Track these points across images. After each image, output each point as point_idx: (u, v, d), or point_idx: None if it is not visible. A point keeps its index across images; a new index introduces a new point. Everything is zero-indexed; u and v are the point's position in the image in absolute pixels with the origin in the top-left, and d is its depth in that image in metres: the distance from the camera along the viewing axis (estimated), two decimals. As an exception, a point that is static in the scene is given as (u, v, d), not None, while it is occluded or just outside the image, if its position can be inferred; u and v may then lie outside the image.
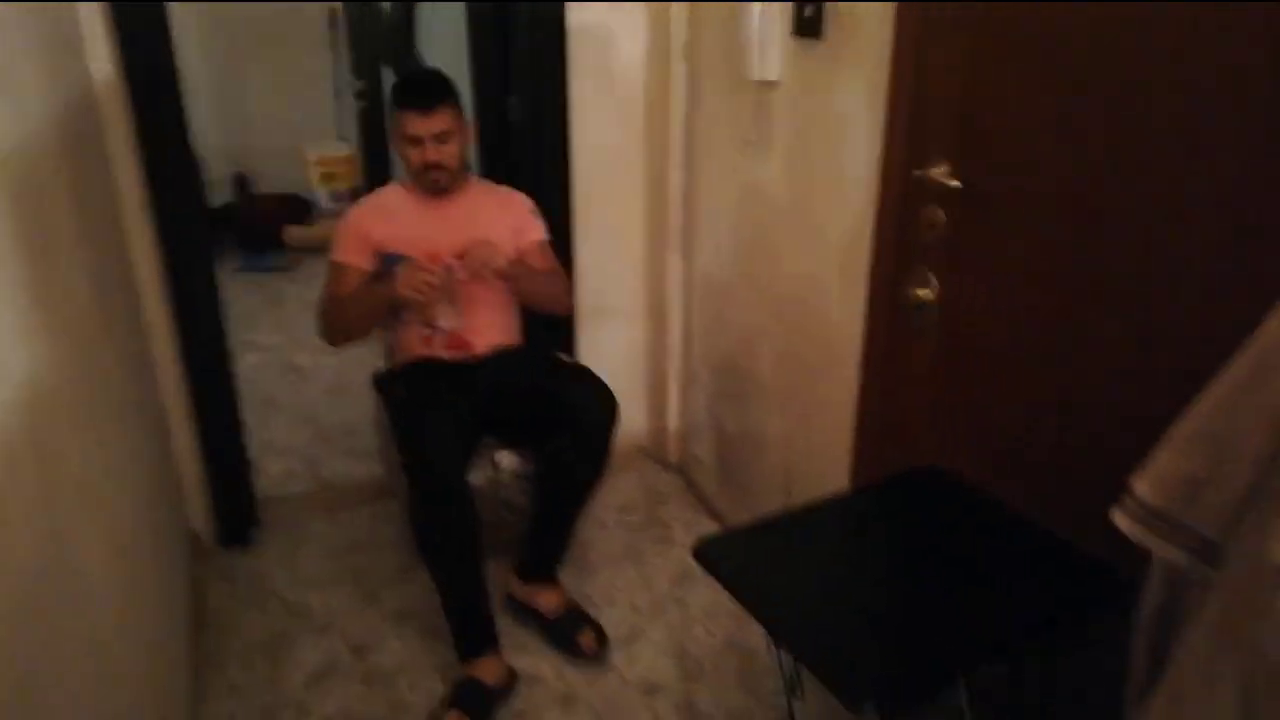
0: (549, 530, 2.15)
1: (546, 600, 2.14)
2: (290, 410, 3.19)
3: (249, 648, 2.10)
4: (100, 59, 1.98)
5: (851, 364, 1.87)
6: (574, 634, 2.08)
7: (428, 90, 2.02)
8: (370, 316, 2.10)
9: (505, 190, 2.24)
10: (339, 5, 4.55)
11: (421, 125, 2.00)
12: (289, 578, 2.34)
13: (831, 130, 1.87)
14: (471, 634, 1.97)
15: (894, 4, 1.59)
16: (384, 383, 2.24)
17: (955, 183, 1.48)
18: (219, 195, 4.87)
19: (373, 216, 2.13)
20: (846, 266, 1.87)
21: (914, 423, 1.74)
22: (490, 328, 2.17)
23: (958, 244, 1.54)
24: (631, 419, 2.84)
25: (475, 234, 2.07)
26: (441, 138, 2.02)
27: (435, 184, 2.07)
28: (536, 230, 2.20)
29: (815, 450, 2.11)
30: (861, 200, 1.79)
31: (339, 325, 2.10)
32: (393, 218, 2.13)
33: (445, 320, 2.12)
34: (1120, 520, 0.91)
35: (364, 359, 3.55)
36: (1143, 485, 0.90)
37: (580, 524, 2.24)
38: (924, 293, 1.61)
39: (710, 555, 1.42)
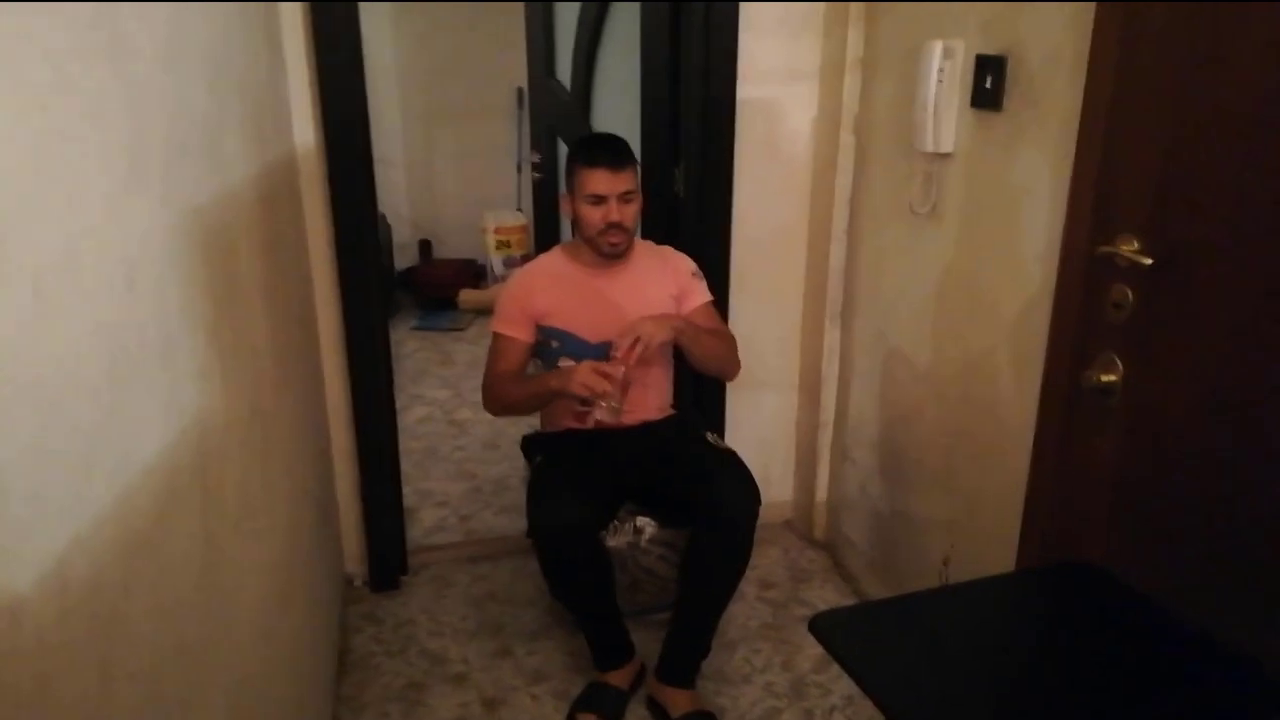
0: (689, 628, 2.05)
1: (677, 702, 2.02)
2: (449, 462, 3.29)
3: (387, 694, 2.13)
4: (304, 128, 2.16)
5: (1022, 449, 1.73)
6: None
7: (617, 149, 2.00)
8: (534, 403, 2.08)
9: (667, 251, 2.20)
10: (524, 85, 4.83)
11: (608, 184, 1.96)
12: (432, 626, 2.38)
13: (1008, 203, 1.77)
14: (605, 648, 2.09)
15: (1084, 71, 1.50)
16: (531, 445, 2.27)
17: (1147, 260, 1.36)
18: (405, 259, 5.21)
19: (534, 286, 2.10)
20: (1020, 346, 1.75)
21: (1089, 516, 1.58)
22: (644, 405, 2.14)
23: (1147, 326, 1.40)
24: (779, 491, 2.76)
25: (639, 304, 2.04)
26: (626, 198, 1.98)
27: (614, 247, 2.01)
28: (701, 294, 2.16)
29: (977, 538, 1.96)
30: (1038, 276, 1.68)
31: (502, 403, 2.08)
32: (554, 287, 2.09)
33: (604, 415, 1.99)
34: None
35: (520, 419, 3.65)
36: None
37: (721, 624, 2.11)
38: (1107, 378, 1.47)
39: (829, 627, 1.33)
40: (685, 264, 2.18)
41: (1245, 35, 1.23)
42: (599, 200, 1.97)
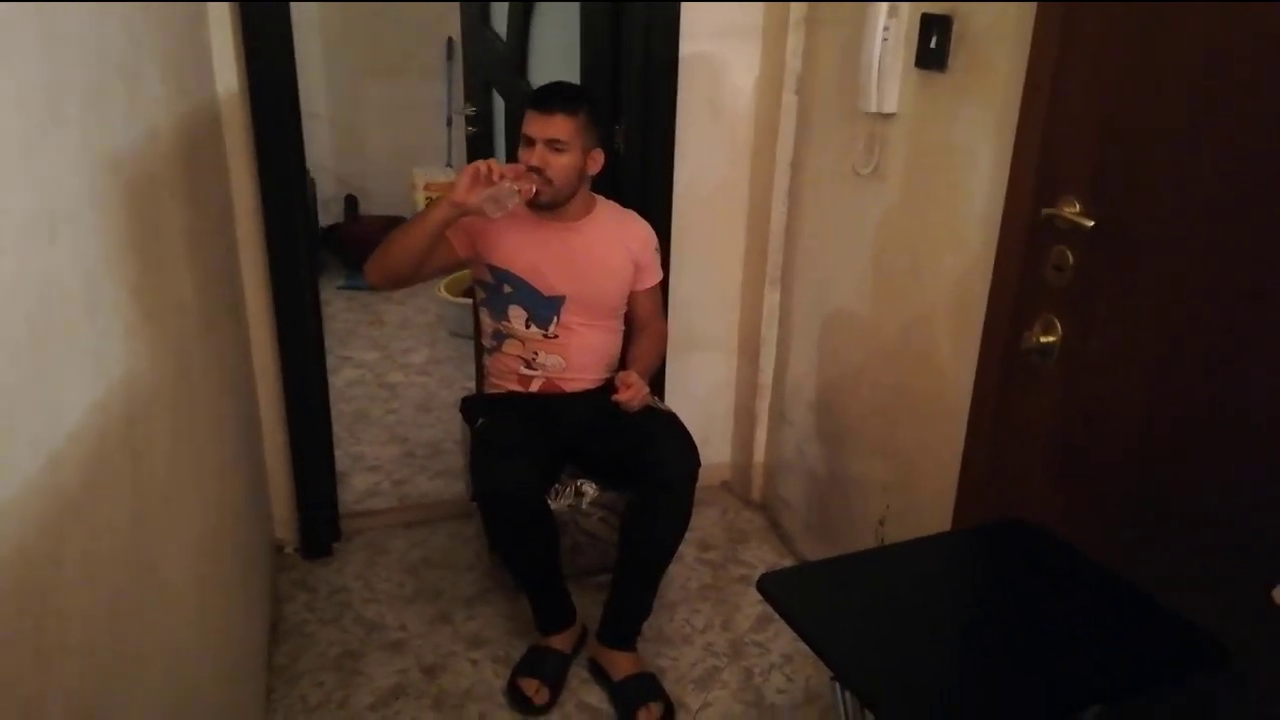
0: (630, 590, 2.05)
1: (619, 664, 2.02)
2: (380, 426, 3.22)
3: (323, 662, 2.09)
4: (226, 74, 2.05)
5: (960, 410, 1.77)
6: (638, 704, 1.94)
7: (553, 93, 1.94)
8: (419, 244, 1.89)
9: (631, 216, 2.16)
10: (455, 35, 4.68)
11: (538, 126, 1.91)
12: (367, 593, 2.33)
13: (951, 165, 1.78)
14: (548, 612, 2.08)
15: (1029, 34, 1.51)
16: (471, 407, 2.22)
17: (1088, 222, 1.38)
18: (330, 215, 5.04)
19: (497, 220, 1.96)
20: (960, 307, 1.77)
21: (1026, 476, 1.63)
22: (590, 369, 2.12)
23: (1087, 288, 1.43)
24: (717, 453, 2.78)
25: (596, 265, 2.04)
26: (554, 145, 1.91)
27: (537, 203, 1.95)
28: (655, 274, 2.16)
29: (914, 499, 2.00)
30: (980, 238, 1.70)
31: (385, 256, 1.92)
32: (513, 227, 2.00)
33: (549, 360, 2.02)
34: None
35: (454, 379, 3.59)
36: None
37: (661, 585, 2.12)
38: (1046, 339, 1.50)
39: (776, 588, 1.34)
40: (649, 236, 2.15)
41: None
42: (529, 143, 1.93)
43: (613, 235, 2.08)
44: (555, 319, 2.05)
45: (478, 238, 2.03)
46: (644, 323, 2.17)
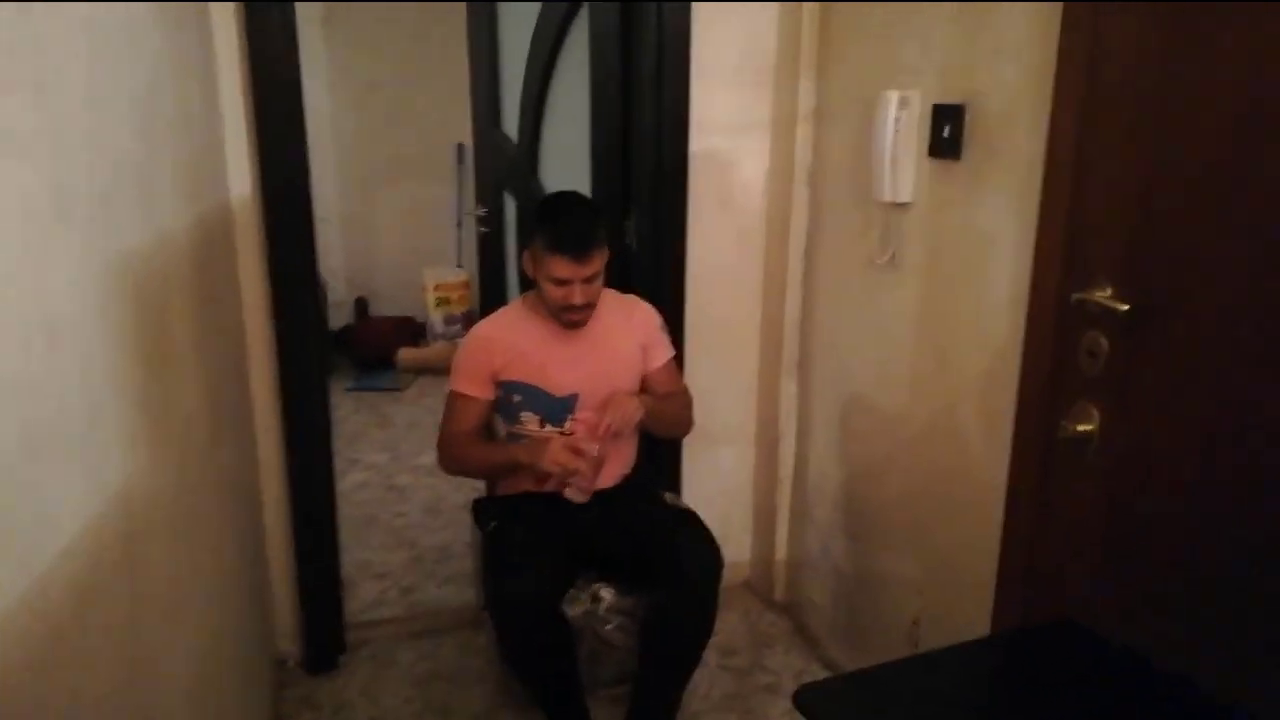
0: (653, 699, 1.97)
1: None
2: (388, 531, 3.13)
3: (328, 786, 1.96)
4: (240, 178, 2.05)
5: (994, 503, 1.69)
6: None
7: (584, 234, 1.86)
8: (496, 471, 2.02)
9: (632, 301, 2.12)
10: (465, 139, 4.78)
11: (572, 270, 1.85)
12: (373, 710, 2.21)
13: (970, 252, 1.76)
14: None
15: (1046, 116, 1.50)
16: (482, 510, 2.13)
17: (1123, 306, 1.34)
18: (340, 317, 5.05)
19: (494, 341, 1.99)
20: (988, 397, 1.72)
21: (1069, 571, 1.54)
22: (605, 474, 2.03)
23: (1125, 375, 1.38)
24: (736, 551, 2.67)
25: (605, 357, 2.00)
26: (591, 279, 1.89)
27: (574, 325, 1.94)
28: (666, 349, 2.11)
29: (950, 597, 1.90)
30: (1005, 325, 1.65)
31: (460, 465, 2.02)
32: (515, 341, 1.99)
33: (574, 495, 1.94)
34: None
35: (463, 480, 3.50)
36: None
37: (684, 697, 2.05)
38: (1083, 427, 1.44)
39: (814, 703, 1.25)
40: (652, 316, 2.12)
41: (1215, 67, 1.23)
42: (562, 283, 1.87)
43: (618, 324, 2.04)
44: (570, 417, 2.00)
45: (494, 372, 1.99)
46: (667, 395, 2.10)
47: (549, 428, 1.99)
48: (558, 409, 1.99)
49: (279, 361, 2.16)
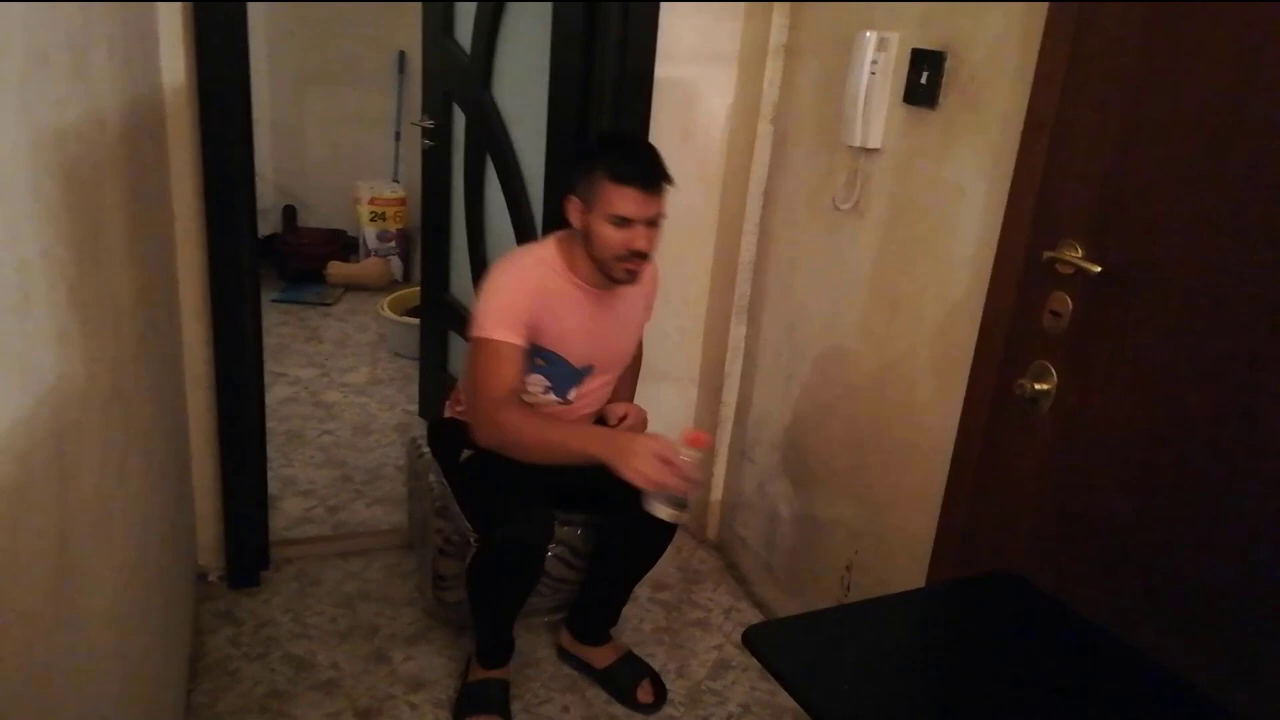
0: (605, 599, 2.08)
1: (602, 655, 2.08)
2: (315, 448, 3.04)
3: (246, 703, 1.91)
4: (174, 63, 1.90)
5: (940, 454, 1.71)
6: (632, 684, 2.03)
7: (654, 164, 1.71)
8: (554, 456, 1.67)
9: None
10: (408, 48, 4.56)
11: (639, 206, 1.69)
12: (296, 628, 2.16)
13: (939, 203, 1.74)
14: (498, 647, 1.97)
15: (1030, 72, 1.48)
16: (445, 437, 1.97)
17: (1095, 268, 1.34)
18: (267, 225, 4.83)
19: (538, 300, 1.77)
20: (943, 348, 1.72)
21: (1011, 529, 1.57)
22: (588, 416, 2.02)
23: (1088, 335, 1.39)
24: (675, 491, 2.68)
25: (625, 328, 1.97)
26: (654, 222, 1.74)
27: (630, 275, 1.76)
28: (651, 311, 2.09)
29: (885, 545, 1.93)
30: (968, 279, 1.65)
31: (508, 438, 1.70)
32: (554, 305, 1.79)
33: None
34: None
35: (396, 401, 3.43)
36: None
37: (615, 629, 2.16)
38: (1040, 386, 1.45)
39: (763, 643, 1.26)
40: (657, 273, 2.03)
41: (1199, 41, 1.22)
42: (624, 222, 1.70)
43: (637, 288, 1.90)
44: (576, 388, 1.91)
45: (532, 330, 1.79)
46: (635, 356, 2.11)
47: (550, 396, 1.90)
48: (569, 379, 1.89)
49: (210, 268, 2.04)
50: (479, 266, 2.85)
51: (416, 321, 3.43)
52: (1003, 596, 1.38)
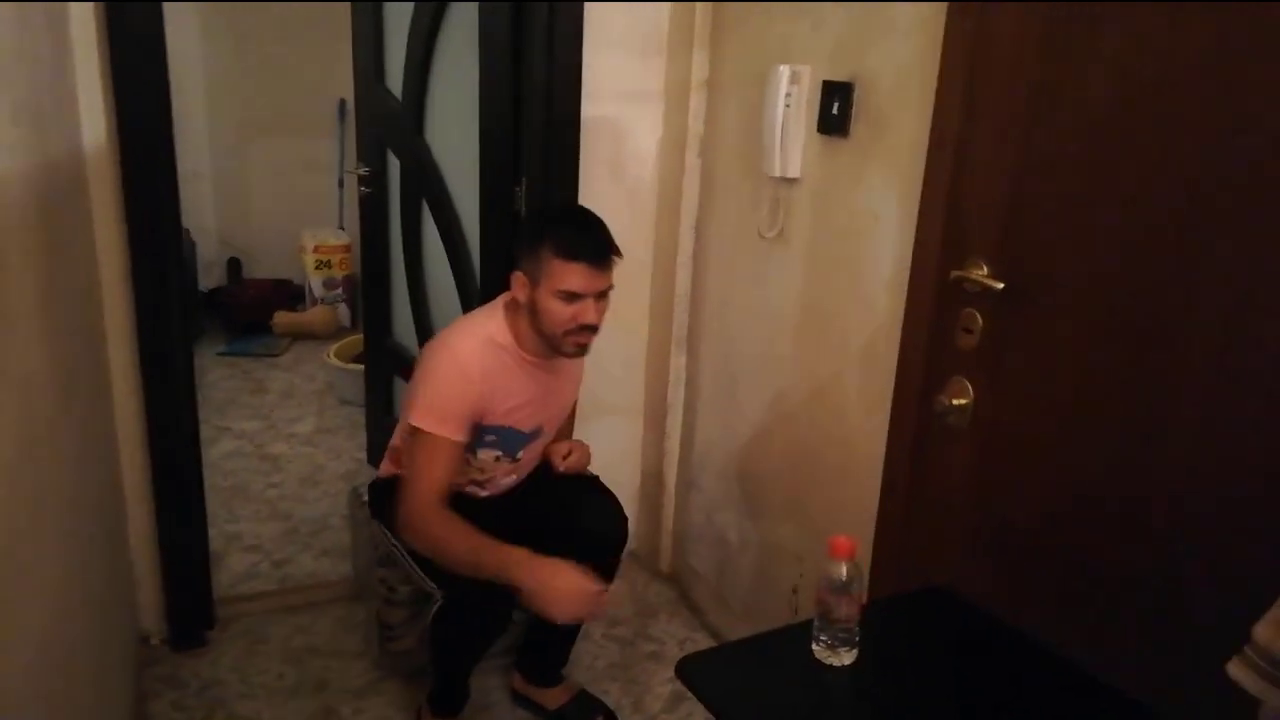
0: (553, 640, 2.06)
1: (554, 696, 2.08)
2: (260, 501, 3.00)
3: (191, 769, 1.87)
4: (94, 123, 1.90)
5: (872, 475, 1.74)
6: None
7: (602, 239, 1.70)
8: (474, 569, 1.63)
9: None
10: (347, 95, 4.57)
11: (590, 281, 1.67)
12: (243, 687, 2.12)
13: (855, 229, 1.78)
14: (454, 695, 1.97)
15: (931, 98, 1.53)
16: (390, 498, 1.84)
17: (998, 284, 1.38)
18: (212, 278, 4.79)
19: (485, 386, 1.75)
20: (868, 372, 1.76)
21: (943, 542, 1.60)
22: (533, 467, 2.02)
23: (997, 350, 1.43)
24: (625, 525, 2.68)
25: (564, 391, 1.95)
26: (604, 294, 1.72)
27: (580, 349, 1.76)
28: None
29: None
30: (886, 302, 1.69)
31: (430, 544, 1.70)
32: (507, 387, 1.78)
33: (505, 481, 1.86)
34: (1238, 672, 0.77)
35: (343, 449, 3.40)
36: (1267, 633, 0.76)
37: (568, 666, 2.15)
38: (958, 401, 1.48)
39: (697, 672, 1.27)
40: None
41: (1089, 63, 1.27)
42: (574, 298, 1.68)
43: None
44: (525, 449, 1.91)
45: (482, 413, 1.78)
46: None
47: (501, 461, 1.90)
48: (519, 443, 1.89)
49: (137, 322, 2.02)
50: (420, 309, 2.85)
51: (362, 368, 3.41)
52: (932, 612, 1.40)
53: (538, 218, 1.96)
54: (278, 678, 2.16)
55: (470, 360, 1.74)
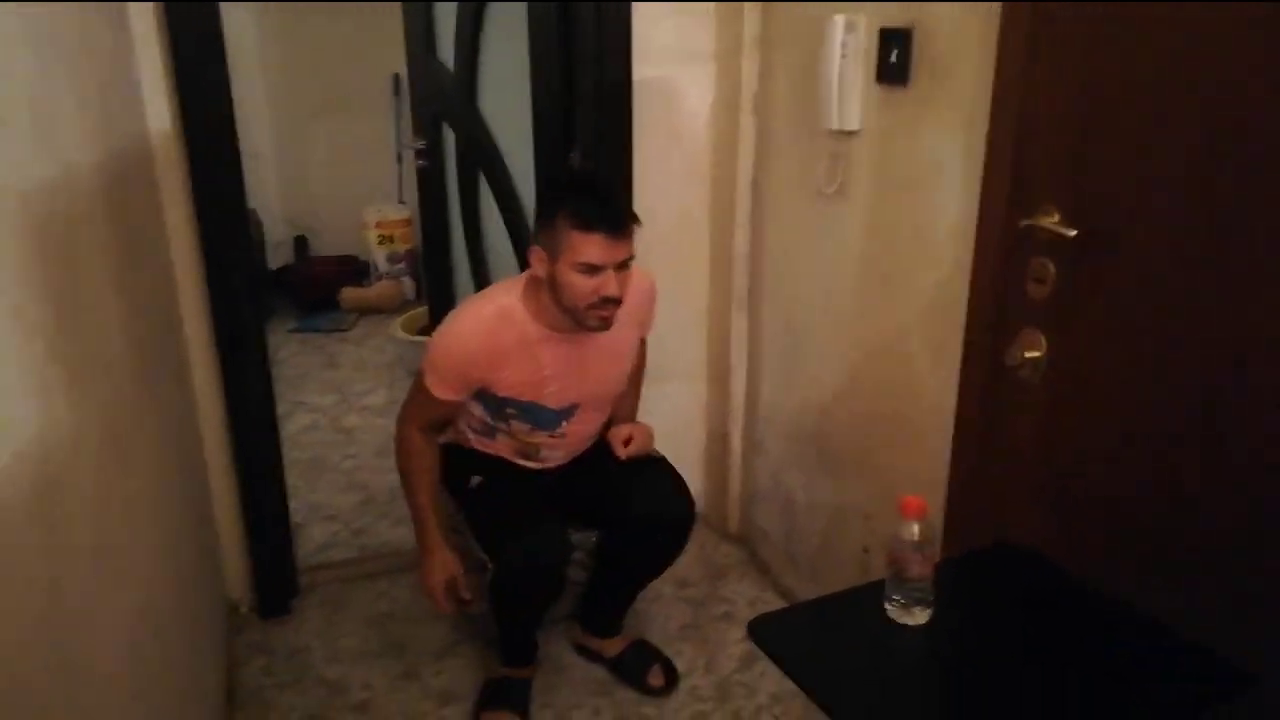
0: (613, 598, 2.10)
1: (612, 645, 2.12)
2: (338, 473, 3.09)
3: (283, 730, 1.96)
4: (159, 113, 1.94)
5: (942, 431, 1.70)
6: (643, 671, 2.06)
7: (618, 208, 1.64)
8: (411, 511, 1.91)
9: (635, 277, 1.77)
10: (401, 70, 4.60)
11: (606, 252, 1.61)
12: (328, 652, 2.20)
13: (918, 180, 1.73)
14: (521, 648, 2.03)
15: (994, 42, 1.47)
16: (452, 460, 1.96)
17: (1070, 231, 1.33)
18: (280, 257, 4.91)
19: (485, 359, 1.75)
20: (936, 325, 1.72)
21: (1015, 498, 1.56)
22: (590, 444, 2.00)
23: (1071, 300, 1.38)
24: (690, 485, 2.67)
25: (612, 360, 1.88)
26: (625, 265, 1.66)
27: (604, 323, 1.69)
28: (653, 321, 2.00)
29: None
30: (953, 253, 1.64)
31: (403, 465, 1.90)
32: (514, 357, 1.75)
33: (552, 454, 1.89)
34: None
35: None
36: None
37: (640, 626, 2.22)
38: (1030, 354, 1.44)
39: (768, 633, 1.28)
40: (650, 289, 1.92)
41: (1156, 1, 1.21)
42: (594, 270, 1.62)
43: (622, 316, 1.75)
44: (565, 423, 1.89)
45: (478, 384, 1.80)
46: (636, 373, 2.05)
47: (540, 434, 1.90)
48: (553, 419, 1.87)
49: (210, 302, 2.08)
50: (480, 279, 2.88)
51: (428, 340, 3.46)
52: (1006, 569, 1.38)
53: (551, 188, 1.88)
54: (361, 642, 2.24)
55: (472, 327, 1.76)
